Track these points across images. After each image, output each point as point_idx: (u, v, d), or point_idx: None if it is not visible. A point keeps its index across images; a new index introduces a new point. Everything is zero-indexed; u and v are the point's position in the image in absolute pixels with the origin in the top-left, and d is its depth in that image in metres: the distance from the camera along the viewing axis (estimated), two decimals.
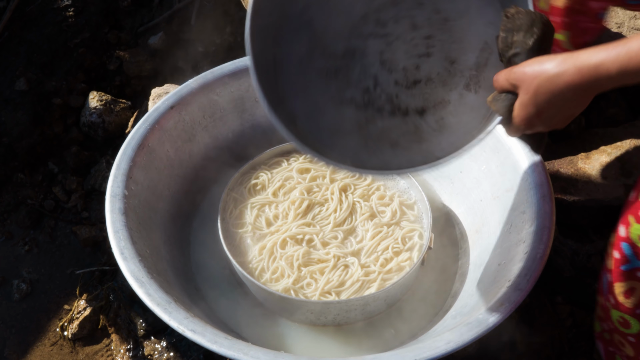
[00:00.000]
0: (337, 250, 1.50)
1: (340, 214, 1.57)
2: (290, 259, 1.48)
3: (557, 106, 1.04)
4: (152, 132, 1.57)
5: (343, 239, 1.53)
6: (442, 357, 1.16)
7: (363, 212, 1.57)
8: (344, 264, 1.48)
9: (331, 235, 1.54)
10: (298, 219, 1.56)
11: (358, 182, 1.64)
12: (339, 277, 1.45)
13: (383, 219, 1.56)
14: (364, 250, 1.51)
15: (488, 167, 1.59)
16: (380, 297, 1.42)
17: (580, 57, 1.00)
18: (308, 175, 1.64)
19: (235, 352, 1.16)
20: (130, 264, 1.31)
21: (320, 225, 1.56)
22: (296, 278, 1.45)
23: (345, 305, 1.40)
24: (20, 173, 2.11)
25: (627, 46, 0.97)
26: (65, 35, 2.31)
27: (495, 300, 1.24)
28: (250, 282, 1.45)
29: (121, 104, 2.18)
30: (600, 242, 1.77)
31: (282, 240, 1.52)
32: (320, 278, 1.46)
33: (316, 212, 1.58)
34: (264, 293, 1.46)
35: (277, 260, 1.49)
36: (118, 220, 1.38)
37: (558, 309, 1.68)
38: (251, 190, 1.63)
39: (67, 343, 1.79)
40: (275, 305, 1.50)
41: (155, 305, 1.24)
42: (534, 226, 1.37)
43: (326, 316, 1.44)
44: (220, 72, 1.71)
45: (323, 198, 1.60)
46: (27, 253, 1.98)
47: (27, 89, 2.19)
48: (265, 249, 1.51)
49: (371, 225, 1.55)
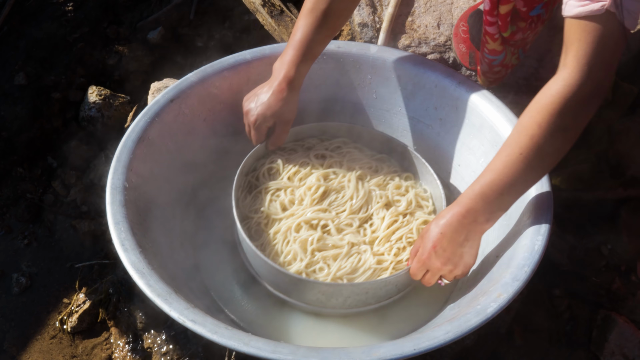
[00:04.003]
0: (352, 237, 1.50)
1: (357, 201, 1.56)
2: (304, 243, 1.47)
3: (445, 240, 1.30)
4: (152, 125, 1.58)
5: (358, 227, 1.53)
6: (440, 347, 1.17)
7: (379, 201, 1.57)
8: (357, 252, 1.48)
9: (346, 222, 1.53)
10: (314, 204, 1.55)
11: (374, 173, 1.65)
12: (351, 264, 1.45)
13: (399, 208, 1.57)
14: (379, 239, 1.51)
15: (486, 160, 1.59)
16: (391, 282, 1.43)
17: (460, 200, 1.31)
18: (325, 162, 1.64)
19: (235, 342, 1.16)
20: (131, 255, 1.31)
21: (336, 211, 1.55)
22: (309, 262, 1.45)
23: (357, 288, 1.40)
24: (20, 167, 2.11)
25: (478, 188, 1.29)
26: (64, 29, 2.31)
27: (493, 291, 1.25)
28: (263, 263, 1.43)
29: (120, 99, 2.18)
30: (597, 236, 1.79)
31: (297, 225, 1.51)
32: (332, 264, 1.45)
33: (332, 198, 1.57)
34: (276, 274, 1.44)
35: (291, 244, 1.48)
36: (118, 212, 1.39)
37: (556, 301, 1.69)
38: (265, 174, 1.62)
39: (66, 336, 1.79)
40: (286, 287, 1.48)
41: (155, 296, 1.25)
42: (532, 219, 1.37)
43: (337, 298, 1.42)
44: (219, 65, 1.71)
45: (340, 185, 1.60)
46: (27, 247, 1.98)
47: (26, 83, 2.19)
48: (280, 232, 1.50)
49: (387, 214, 1.55)
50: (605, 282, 1.71)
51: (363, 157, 1.68)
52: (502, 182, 1.26)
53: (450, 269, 1.33)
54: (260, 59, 1.73)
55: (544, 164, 1.27)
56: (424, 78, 1.70)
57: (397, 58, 1.74)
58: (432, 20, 1.85)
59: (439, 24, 1.84)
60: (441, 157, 1.74)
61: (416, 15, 1.87)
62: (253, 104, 1.54)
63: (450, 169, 1.73)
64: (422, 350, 1.16)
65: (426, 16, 1.86)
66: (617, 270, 1.74)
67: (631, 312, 1.66)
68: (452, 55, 1.83)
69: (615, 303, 1.69)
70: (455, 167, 1.71)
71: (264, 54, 1.74)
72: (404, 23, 1.87)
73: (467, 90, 1.64)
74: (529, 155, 1.23)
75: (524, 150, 1.23)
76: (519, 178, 1.26)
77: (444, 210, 1.33)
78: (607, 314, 1.64)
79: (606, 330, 1.61)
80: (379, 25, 1.91)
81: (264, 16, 2.11)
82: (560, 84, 1.18)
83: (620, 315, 1.63)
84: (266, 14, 2.10)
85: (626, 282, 1.73)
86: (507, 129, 1.54)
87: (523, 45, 1.62)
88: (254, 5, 2.12)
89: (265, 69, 1.64)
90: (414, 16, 1.87)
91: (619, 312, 1.65)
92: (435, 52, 1.84)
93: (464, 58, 1.78)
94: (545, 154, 1.24)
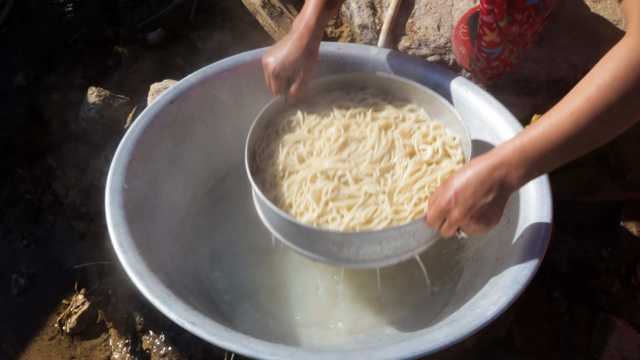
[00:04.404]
0: (370, 188, 1.40)
1: (378, 150, 1.46)
2: (318, 193, 1.39)
3: (469, 190, 1.20)
4: (152, 126, 1.57)
5: (379, 177, 1.43)
6: (440, 350, 1.16)
7: (402, 149, 1.47)
8: (375, 202, 1.38)
9: (366, 171, 1.43)
10: (332, 155, 1.46)
11: (400, 123, 1.55)
12: (366, 215, 1.36)
13: (424, 156, 1.46)
14: (398, 189, 1.41)
15: None
16: (406, 231, 1.31)
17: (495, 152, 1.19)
18: (348, 112, 1.54)
19: (234, 345, 1.16)
20: (130, 256, 1.31)
21: (355, 161, 1.45)
22: (321, 212, 1.37)
23: (368, 236, 1.31)
24: (19, 168, 2.11)
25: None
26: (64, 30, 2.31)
27: (493, 294, 1.25)
28: (273, 214, 1.37)
29: (120, 100, 2.18)
30: (597, 238, 1.78)
31: (312, 175, 1.42)
32: (346, 214, 1.36)
33: (352, 148, 1.48)
34: (286, 224, 1.37)
35: (304, 195, 1.40)
36: (118, 214, 1.38)
37: (555, 304, 1.69)
38: (285, 127, 1.54)
39: (65, 337, 1.79)
40: (298, 239, 1.39)
41: (154, 297, 1.24)
42: (532, 221, 1.37)
43: (348, 248, 1.33)
44: (219, 67, 1.71)
45: (361, 135, 1.50)
46: (26, 248, 1.98)
47: (26, 84, 2.19)
48: (294, 183, 1.43)
49: (411, 162, 1.44)
50: (605, 285, 1.71)
51: (389, 108, 1.57)
52: (545, 140, 1.14)
53: (469, 222, 1.23)
54: (260, 61, 1.72)
55: (595, 130, 1.12)
56: (424, 80, 1.70)
57: (397, 60, 1.74)
58: (432, 22, 1.85)
59: (439, 26, 1.84)
60: None
61: (416, 17, 1.86)
62: (272, 57, 1.49)
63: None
64: (421, 353, 1.15)
65: (426, 18, 1.86)
66: (617, 273, 1.74)
67: (631, 316, 1.66)
68: (452, 57, 1.83)
69: (615, 306, 1.68)
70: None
71: None
72: (404, 25, 1.87)
73: (467, 92, 1.64)
74: (580, 116, 1.11)
75: (576, 110, 1.11)
76: (565, 140, 1.13)
77: (473, 159, 1.22)
78: (606, 317, 1.63)
79: (606, 333, 1.61)
80: (379, 27, 1.91)
81: (264, 17, 2.11)
82: (625, 49, 1.08)
83: (620, 319, 1.63)
84: (266, 15, 2.09)
85: (626, 285, 1.73)
86: (506, 131, 1.54)
87: (523, 43, 1.62)
88: (254, 7, 2.12)
89: None
90: (414, 18, 1.86)
91: (619, 315, 1.65)
92: (435, 54, 1.83)
93: (464, 60, 1.78)
94: (599, 119, 1.10)
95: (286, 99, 1.55)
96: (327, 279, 1.60)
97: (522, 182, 1.19)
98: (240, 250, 1.66)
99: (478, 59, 1.65)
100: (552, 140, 1.13)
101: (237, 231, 1.70)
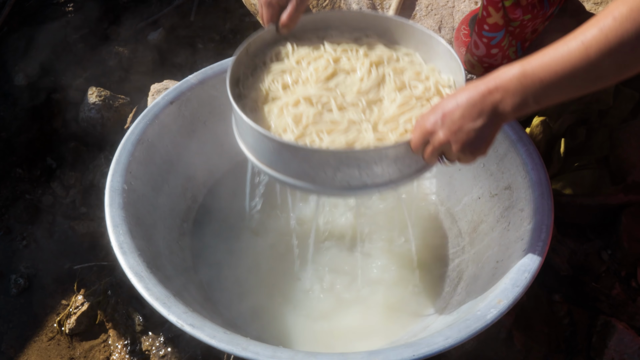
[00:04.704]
0: (354, 116, 1.32)
1: (367, 82, 1.38)
2: (299, 117, 1.31)
3: (458, 112, 1.12)
4: (152, 126, 1.57)
5: (365, 107, 1.35)
6: (440, 353, 1.16)
7: (393, 84, 1.39)
8: (357, 130, 1.30)
9: (352, 101, 1.35)
10: (319, 83, 1.38)
11: (394, 62, 1.46)
12: (347, 140, 1.27)
13: (415, 91, 1.37)
14: (384, 119, 1.33)
15: (487, 164, 1.59)
16: (387, 155, 1.23)
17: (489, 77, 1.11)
18: (339, 47, 1.46)
19: (233, 347, 1.16)
20: (130, 258, 1.31)
21: (342, 92, 1.37)
22: (300, 134, 1.29)
23: (344, 156, 1.22)
24: (19, 168, 2.11)
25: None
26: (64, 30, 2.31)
27: (493, 297, 1.25)
28: (247, 128, 1.30)
29: (120, 100, 2.17)
30: (598, 241, 1.78)
31: (295, 100, 1.34)
32: (326, 137, 1.28)
33: (340, 79, 1.40)
34: (258, 139, 1.29)
35: (284, 117, 1.32)
36: (117, 215, 1.38)
37: (555, 307, 1.69)
38: (273, 58, 1.46)
39: (64, 338, 1.79)
40: (271, 158, 1.30)
41: (154, 299, 1.24)
42: (532, 224, 1.37)
43: (325, 170, 1.24)
44: (219, 68, 1.71)
45: (351, 68, 1.42)
46: (25, 248, 1.98)
47: (26, 84, 2.19)
48: (276, 107, 1.35)
49: (400, 95, 1.35)
50: (606, 288, 1.71)
51: (384, 48, 1.49)
52: (549, 69, 1.06)
53: (453, 147, 1.15)
54: None
55: (603, 64, 1.04)
56: None
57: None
58: (433, 23, 1.84)
59: (440, 28, 1.84)
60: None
61: (417, 18, 1.86)
62: None
63: (451, 172, 1.73)
64: (421, 356, 1.15)
65: (427, 19, 1.85)
66: (618, 276, 1.74)
67: (631, 318, 1.66)
68: None
69: (615, 309, 1.68)
70: (456, 172, 1.71)
71: None
72: None
73: None
74: (591, 46, 1.02)
75: (588, 40, 1.02)
76: (570, 71, 1.05)
77: (469, 83, 1.15)
78: (607, 319, 1.63)
79: (606, 336, 1.61)
80: None
81: None
82: None
83: (620, 321, 1.62)
84: None
85: (626, 287, 1.72)
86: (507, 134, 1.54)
87: (522, 38, 1.60)
88: (255, 7, 2.12)
89: None
90: (415, 19, 1.86)
91: (619, 318, 1.65)
92: None
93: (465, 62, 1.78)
94: (610, 51, 1.02)
95: (277, 30, 1.46)
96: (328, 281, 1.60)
97: (517, 111, 1.11)
98: (241, 252, 1.65)
99: (477, 46, 1.62)
100: (556, 69, 1.06)
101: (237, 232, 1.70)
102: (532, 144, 1.50)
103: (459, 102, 1.12)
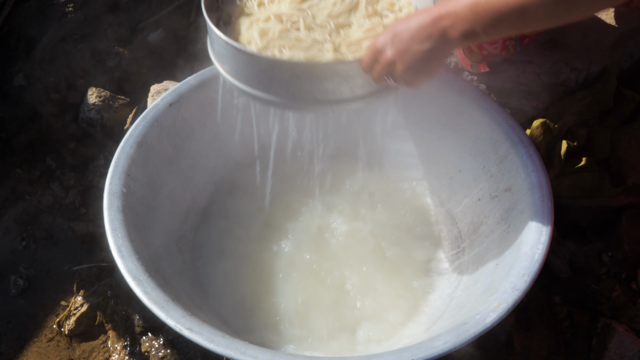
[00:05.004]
0: (319, 36, 1.36)
1: (340, 7, 1.43)
2: (265, 32, 1.36)
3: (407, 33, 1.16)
4: (151, 129, 1.57)
5: (332, 30, 1.39)
6: (439, 356, 1.16)
7: (364, 11, 1.43)
8: (319, 49, 1.35)
9: (321, 22, 1.40)
10: (292, 3, 1.43)
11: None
12: (306, 56, 1.32)
13: (384, 20, 1.42)
14: (348, 42, 1.37)
15: (487, 166, 1.59)
16: (338, 72, 1.26)
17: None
18: None
19: (232, 351, 1.16)
20: (128, 262, 1.31)
21: (313, 13, 1.42)
22: (262, 47, 1.34)
23: (296, 67, 1.26)
24: (18, 169, 2.11)
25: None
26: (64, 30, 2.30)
27: (492, 300, 1.24)
28: (214, 37, 1.34)
29: (120, 100, 2.17)
30: (598, 243, 1.78)
31: (265, 17, 1.40)
32: (286, 52, 1.33)
33: (315, 1, 1.45)
34: (220, 44, 1.34)
35: (252, 31, 1.38)
36: (116, 218, 1.38)
37: (555, 309, 1.68)
38: None
39: (63, 339, 1.79)
40: (231, 65, 1.37)
41: (152, 303, 1.24)
42: (533, 226, 1.36)
43: (278, 81, 1.30)
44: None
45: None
46: (25, 249, 1.97)
47: (26, 85, 2.18)
48: (246, 21, 1.41)
49: (368, 22, 1.40)
50: (606, 290, 1.71)
51: None
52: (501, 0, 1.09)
53: (398, 67, 1.19)
54: None
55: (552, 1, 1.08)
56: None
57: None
58: None
59: None
60: (442, 162, 1.73)
61: None
62: None
63: (451, 174, 1.72)
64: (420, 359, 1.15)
65: None
66: (618, 278, 1.74)
67: (631, 321, 1.65)
68: (454, 60, 1.82)
69: (616, 311, 1.68)
70: (457, 173, 1.70)
71: None
72: None
73: (468, 95, 1.63)
74: None
75: None
76: (521, 4, 1.08)
77: (423, 8, 1.18)
78: (607, 322, 1.63)
79: (606, 338, 1.60)
80: None
81: None
82: None
83: (621, 324, 1.62)
84: None
85: (626, 290, 1.72)
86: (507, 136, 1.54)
87: None
88: None
89: None
90: None
91: (619, 321, 1.64)
92: None
93: (466, 62, 1.77)
94: None
95: None
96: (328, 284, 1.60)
97: (464, 39, 1.14)
98: (240, 254, 1.65)
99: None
100: (508, 1, 1.08)
101: (237, 234, 1.69)
102: (533, 146, 1.49)
103: (410, 24, 1.17)
